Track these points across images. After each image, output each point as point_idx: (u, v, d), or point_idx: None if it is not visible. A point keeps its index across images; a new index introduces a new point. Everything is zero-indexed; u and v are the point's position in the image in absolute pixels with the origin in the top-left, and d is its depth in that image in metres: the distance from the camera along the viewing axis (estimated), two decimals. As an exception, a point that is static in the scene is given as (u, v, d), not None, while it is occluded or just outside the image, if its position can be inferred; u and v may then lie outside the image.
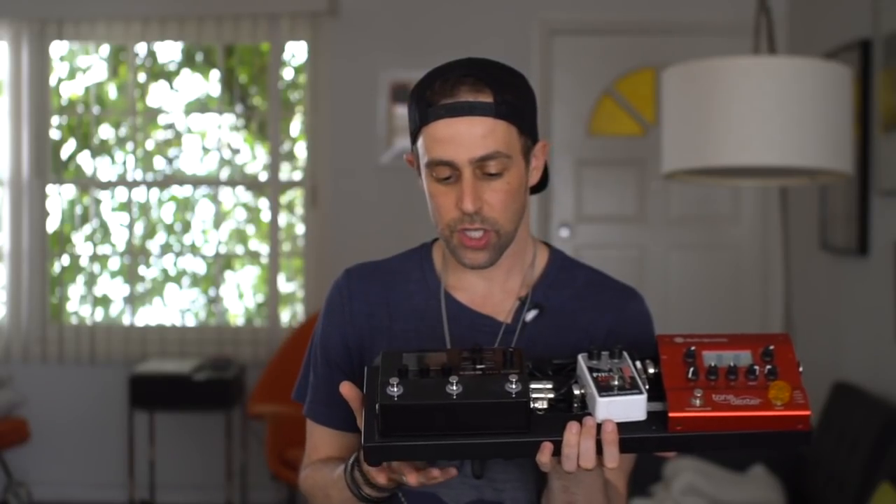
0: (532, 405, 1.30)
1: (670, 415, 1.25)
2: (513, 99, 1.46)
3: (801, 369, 1.29)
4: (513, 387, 1.27)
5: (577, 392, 1.30)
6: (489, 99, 1.44)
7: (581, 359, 1.32)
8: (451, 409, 1.27)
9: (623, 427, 1.26)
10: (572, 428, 1.26)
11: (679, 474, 3.57)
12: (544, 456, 1.28)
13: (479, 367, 1.31)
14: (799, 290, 4.48)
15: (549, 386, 1.32)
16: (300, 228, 5.42)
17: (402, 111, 5.09)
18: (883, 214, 3.75)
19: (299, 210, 5.44)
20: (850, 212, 3.96)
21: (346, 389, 1.40)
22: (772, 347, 1.30)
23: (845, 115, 2.94)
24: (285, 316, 5.42)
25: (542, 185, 1.59)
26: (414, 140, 1.50)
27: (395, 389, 1.27)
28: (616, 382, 1.27)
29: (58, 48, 5.37)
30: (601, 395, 1.26)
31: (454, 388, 1.27)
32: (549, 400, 1.31)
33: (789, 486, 3.63)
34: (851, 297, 4.05)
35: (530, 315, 1.55)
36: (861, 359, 3.92)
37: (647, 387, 1.28)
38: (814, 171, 3.10)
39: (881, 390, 3.62)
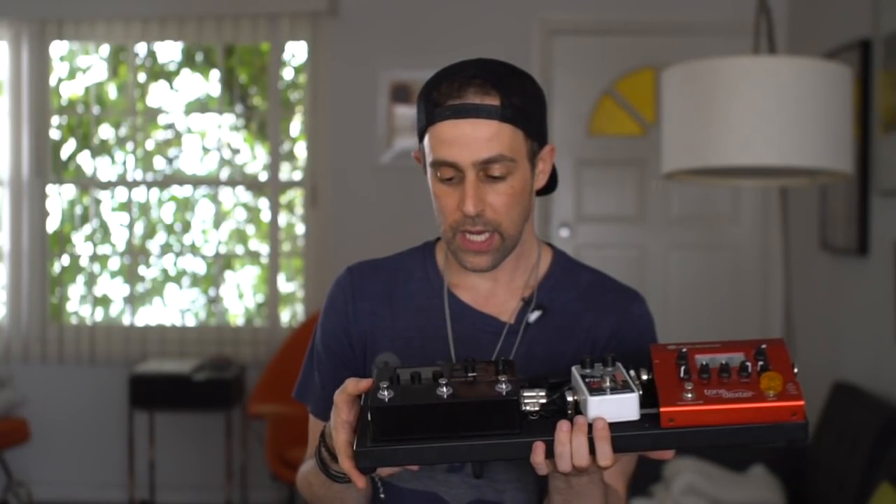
0: (524, 408, 1.30)
1: (661, 409, 1.24)
2: (520, 102, 1.45)
3: (795, 370, 1.27)
4: (503, 387, 1.28)
5: (570, 398, 1.30)
6: (496, 102, 1.43)
7: (574, 369, 1.32)
8: (442, 410, 1.27)
9: (615, 426, 1.26)
10: (563, 426, 1.26)
11: (679, 474, 3.57)
12: (537, 456, 1.27)
13: (470, 374, 1.32)
14: (799, 290, 4.48)
15: (542, 393, 1.31)
16: (300, 228, 5.42)
17: (402, 111, 5.09)
18: (883, 214, 3.75)
19: (299, 210, 5.44)
20: (850, 212, 3.95)
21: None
22: (764, 346, 1.29)
23: (845, 115, 2.94)
24: (285, 316, 5.42)
25: (550, 188, 1.59)
26: (421, 138, 1.50)
27: (386, 393, 1.28)
28: (608, 384, 1.27)
29: (58, 48, 5.37)
30: (592, 395, 1.26)
31: (444, 391, 1.28)
32: (542, 405, 1.31)
33: (789, 486, 3.63)
34: (851, 297, 4.05)
35: (533, 316, 1.54)
36: (861, 359, 3.92)
37: (640, 392, 1.28)
38: (814, 171, 3.10)
39: (881, 390, 3.62)
